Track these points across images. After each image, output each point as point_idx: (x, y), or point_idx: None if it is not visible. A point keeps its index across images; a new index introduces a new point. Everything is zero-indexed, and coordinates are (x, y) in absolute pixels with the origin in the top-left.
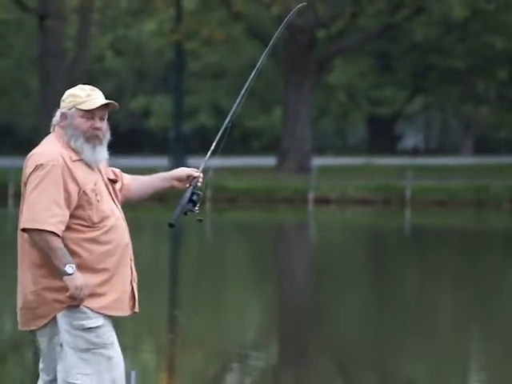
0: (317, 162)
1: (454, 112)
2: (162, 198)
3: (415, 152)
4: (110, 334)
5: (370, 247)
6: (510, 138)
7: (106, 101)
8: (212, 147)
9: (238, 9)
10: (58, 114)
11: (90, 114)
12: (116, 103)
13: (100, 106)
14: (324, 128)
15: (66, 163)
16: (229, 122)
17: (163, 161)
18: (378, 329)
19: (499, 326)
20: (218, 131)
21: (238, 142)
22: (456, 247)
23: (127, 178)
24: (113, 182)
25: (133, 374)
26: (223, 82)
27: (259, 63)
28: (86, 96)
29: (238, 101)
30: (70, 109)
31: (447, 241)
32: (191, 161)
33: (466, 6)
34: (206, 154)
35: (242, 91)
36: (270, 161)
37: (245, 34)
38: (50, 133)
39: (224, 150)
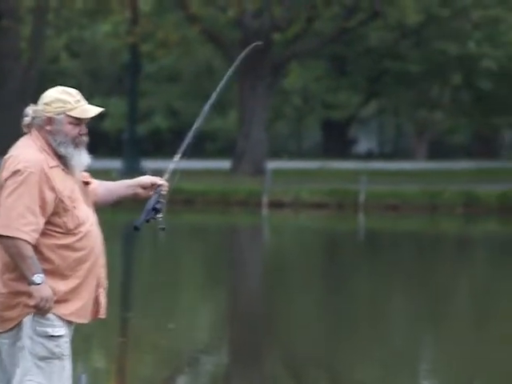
0: (271, 165)
1: (408, 116)
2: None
3: (369, 156)
4: (67, 346)
5: (323, 251)
6: (463, 142)
7: (100, 109)
8: (178, 155)
9: (193, 11)
10: (32, 113)
11: (78, 120)
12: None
13: None
14: (279, 131)
15: (43, 170)
16: (191, 138)
17: (117, 163)
18: (329, 332)
19: (449, 328)
20: (173, 134)
21: (192, 144)
22: (409, 251)
23: (94, 183)
24: (85, 184)
25: (83, 377)
26: (178, 84)
27: (224, 79)
28: (76, 102)
29: (204, 112)
30: (58, 114)
31: (400, 245)
32: (145, 163)
33: (420, 12)
34: (160, 156)
35: (208, 104)
36: (224, 164)
37: (200, 36)
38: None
39: (176, 153)
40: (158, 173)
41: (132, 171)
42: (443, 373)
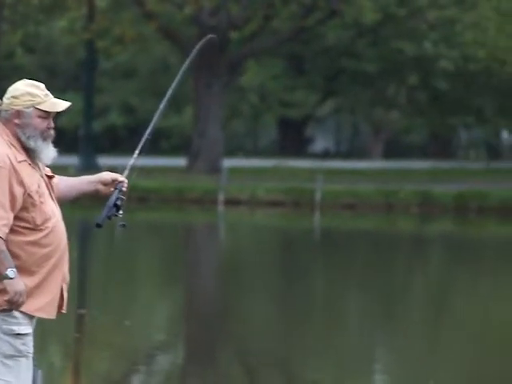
0: (227, 163)
1: (364, 115)
2: None
3: (326, 155)
4: (31, 344)
5: (278, 249)
6: (419, 142)
7: (68, 103)
8: (137, 152)
9: (150, 8)
10: (3, 106)
11: (46, 114)
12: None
13: None
14: (235, 129)
15: (12, 164)
16: (149, 134)
17: (74, 159)
18: (284, 330)
19: (403, 326)
20: (128, 130)
21: (148, 141)
22: (364, 250)
23: (56, 178)
24: (49, 178)
25: (39, 373)
26: (134, 81)
27: (179, 74)
28: (44, 96)
29: (160, 109)
30: (27, 107)
31: (356, 244)
32: (101, 160)
33: (377, 11)
34: (116, 153)
35: (164, 101)
36: (179, 161)
37: (157, 33)
38: None
39: (133, 149)
40: (114, 169)
41: (88, 167)
42: (396, 370)
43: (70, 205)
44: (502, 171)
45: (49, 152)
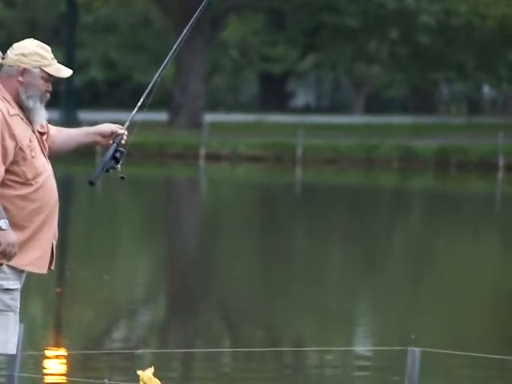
0: (209, 118)
1: (345, 70)
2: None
3: (307, 110)
4: (19, 300)
5: (259, 204)
6: (400, 97)
7: (70, 71)
8: (138, 104)
9: None
10: (8, 62)
11: (49, 77)
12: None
13: None
14: (217, 84)
15: (4, 117)
16: (158, 77)
17: (54, 114)
18: (265, 285)
19: (385, 281)
20: (109, 85)
21: (128, 96)
22: (345, 204)
23: (53, 130)
24: (41, 134)
25: (21, 327)
26: (115, 35)
27: (179, 41)
28: (52, 59)
29: (166, 61)
30: (34, 67)
31: (337, 198)
32: (82, 114)
33: None
34: (97, 107)
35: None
36: (161, 116)
37: None
38: None
39: (114, 104)
40: (94, 124)
41: (69, 122)
42: (379, 325)
43: (52, 159)
44: (482, 126)
45: (42, 114)
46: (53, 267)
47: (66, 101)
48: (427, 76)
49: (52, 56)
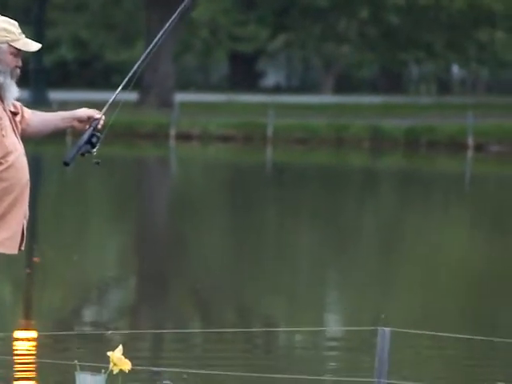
0: (179, 98)
1: (315, 50)
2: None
3: (277, 90)
4: None
5: (230, 184)
6: (370, 77)
7: (39, 45)
8: (119, 88)
9: None
10: None
11: (18, 52)
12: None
13: None
14: (187, 64)
15: None
16: (142, 62)
17: (24, 93)
18: (236, 265)
19: (355, 261)
20: (79, 64)
21: (99, 76)
22: (315, 184)
23: (28, 113)
24: (14, 114)
25: None
26: (85, 14)
27: (168, 24)
28: (19, 34)
29: (150, 48)
30: (1, 43)
31: (307, 178)
32: (52, 94)
33: None
34: (67, 87)
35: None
36: (130, 96)
37: None
38: None
39: (84, 84)
40: (64, 104)
41: (39, 102)
42: (348, 305)
43: (22, 139)
44: (452, 106)
45: (13, 90)
46: (23, 248)
47: (35, 80)
48: (397, 56)
49: (20, 31)
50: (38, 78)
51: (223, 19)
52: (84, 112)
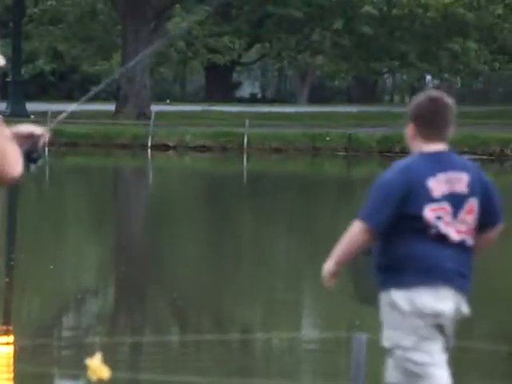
0: (156, 109)
1: (290, 61)
2: None
3: (253, 100)
4: None
5: (207, 193)
6: (344, 87)
7: (3, 61)
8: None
9: None
10: None
11: None
12: None
13: None
14: (163, 75)
15: None
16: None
17: (2, 105)
18: (214, 271)
19: None
20: (56, 76)
21: (76, 87)
22: (291, 193)
23: None
24: None
25: None
26: (62, 27)
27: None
28: None
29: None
30: None
31: (283, 187)
32: (30, 106)
33: None
34: (44, 99)
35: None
36: (108, 107)
37: None
38: None
39: (62, 95)
40: (42, 115)
41: (17, 114)
42: (325, 313)
43: None
44: None
45: None
46: None
47: (13, 92)
48: (370, 66)
49: None
50: (16, 90)
51: (199, 30)
52: (25, 128)
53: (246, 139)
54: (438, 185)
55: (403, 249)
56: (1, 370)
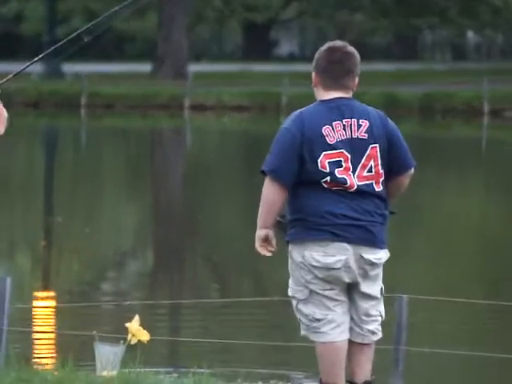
0: (193, 68)
1: (328, 18)
2: (37, 104)
3: (291, 59)
4: None
5: (245, 153)
6: (383, 44)
7: None
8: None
9: None
10: None
11: None
12: None
13: None
14: (200, 34)
15: None
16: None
17: (38, 66)
18: (251, 235)
19: None
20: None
21: (111, 46)
22: None
23: None
24: None
25: (8, 280)
26: None
27: None
28: None
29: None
30: None
31: None
32: (66, 66)
33: None
34: (80, 59)
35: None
36: (144, 67)
37: None
38: None
39: (97, 55)
40: (77, 75)
41: (53, 74)
42: None
43: (34, 112)
44: (467, 72)
45: None
46: None
47: (49, 53)
48: (410, 22)
49: None
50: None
51: None
52: None
53: (284, 98)
54: (333, 132)
55: (300, 201)
56: (41, 333)
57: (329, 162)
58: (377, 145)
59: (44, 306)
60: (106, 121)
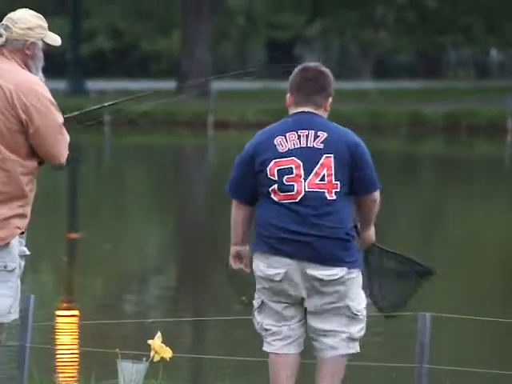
0: (216, 86)
1: (352, 36)
2: None
3: None
4: None
5: None
6: (407, 62)
7: (60, 40)
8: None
9: None
10: (5, 34)
11: (46, 47)
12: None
13: None
14: (224, 52)
15: None
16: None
17: (61, 83)
18: None
19: (394, 242)
20: (116, 54)
21: (136, 65)
22: None
23: None
24: None
25: (32, 297)
26: (120, 4)
27: None
28: (48, 28)
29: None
30: (38, 40)
31: None
32: (89, 83)
33: None
34: (104, 77)
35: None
36: (169, 84)
37: None
38: None
39: (121, 73)
40: (102, 93)
41: (76, 91)
42: None
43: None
44: (490, 90)
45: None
46: None
47: (72, 70)
48: (434, 40)
49: (47, 25)
50: (75, 68)
51: (259, 7)
52: None
53: None
54: (285, 141)
55: (257, 212)
56: (64, 350)
57: (278, 170)
58: (331, 155)
59: (67, 322)
60: (130, 138)
